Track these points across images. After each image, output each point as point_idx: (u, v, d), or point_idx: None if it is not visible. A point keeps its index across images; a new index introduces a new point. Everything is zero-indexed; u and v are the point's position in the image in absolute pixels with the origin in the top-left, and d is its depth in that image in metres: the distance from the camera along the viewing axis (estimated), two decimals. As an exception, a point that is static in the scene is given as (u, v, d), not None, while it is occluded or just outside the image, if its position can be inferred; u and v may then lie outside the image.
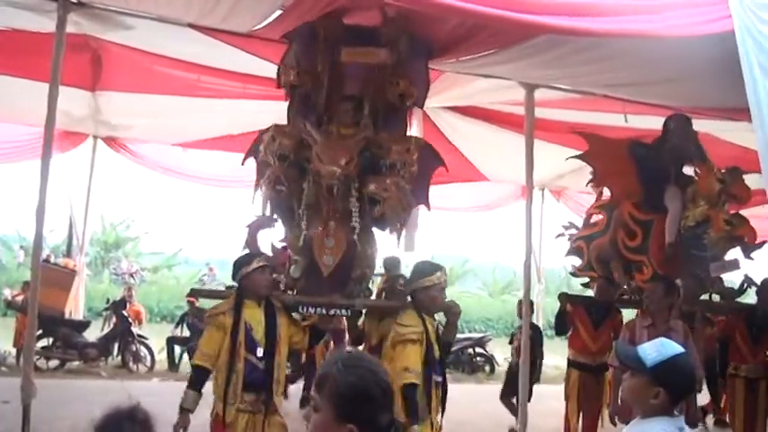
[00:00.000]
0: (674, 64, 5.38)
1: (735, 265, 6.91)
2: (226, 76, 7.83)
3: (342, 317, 5.66)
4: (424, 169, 5.47)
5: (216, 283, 22.39)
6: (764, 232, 7.34)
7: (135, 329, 12.41)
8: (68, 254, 13.67)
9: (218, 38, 6.24)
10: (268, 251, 5.51)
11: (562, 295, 7.57)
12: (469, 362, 14.18)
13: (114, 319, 12.61)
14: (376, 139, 5.32)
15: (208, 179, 12.06)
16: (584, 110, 7.80)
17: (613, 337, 7.18)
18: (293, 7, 5.28)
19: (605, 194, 7.80)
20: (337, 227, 5.15)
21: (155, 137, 10.93)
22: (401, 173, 5.21)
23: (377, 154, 5.20)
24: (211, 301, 6.10)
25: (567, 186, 12.44)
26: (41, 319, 8.29)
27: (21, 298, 12.24)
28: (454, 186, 11.55)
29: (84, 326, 12.12)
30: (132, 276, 25.38)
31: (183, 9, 5.61)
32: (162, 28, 6.04)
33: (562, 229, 8.09)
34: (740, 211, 7.05)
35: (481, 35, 5.29)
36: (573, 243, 7.78)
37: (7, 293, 13.43)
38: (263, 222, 5.44)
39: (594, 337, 7.13)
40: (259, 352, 4.69)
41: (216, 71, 7.72)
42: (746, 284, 7.48)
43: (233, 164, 10.18)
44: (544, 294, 13.80)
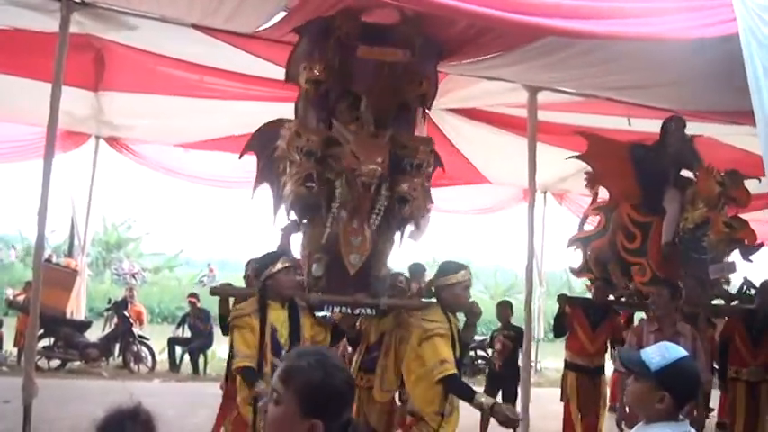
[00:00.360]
0: (677, 67, 5.38)
1: (732, 268, 6.91)
2: (228, 76, 7.82)
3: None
4: None
5: (215, 284, 22.33)
6: (764, 236, 7.36)
7: (136, 330, 12.41)
8: (70, 254, 13.68)
9: (222, 38, 6.24)
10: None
11: (561, 297, 7.54)
12: (471, 364, 14.14)
13: (115, 320, 12.61)
14: (398, 138, 5.29)
15: (209, 180, 12.06)
16: (587, 113, 7.80)
17: (611, 339, 7.18)
18: (298, 8, 5.28)
19: (601, 196, 7.81)
20: (364, 225, 5.11)
21: (157, 137, 10.92)
22: (424, 173, 5.26)
23: (400, 154, 5.16)
24: (213, 304, 6.09)
25: (570, 189, 12.43)
26: (43, 318, 8.28)
27: (22, 297, 12.25)
28: (456, 189, 11.56)
29: (86, 326, 12.12)
30: (134, 277, 25.41)
31: (187, 9, 5.62)
32: (165, 28, 6.05)
33: (564, 233, 8.09)
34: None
35: (486, 37, 5.29)
36: (572, 244, 7.79)
37: (9, 293, 13.42)
38: (294, 226, 5.42)
39: (592, 338, 7.11)
40: (283, 354, 4.62)
41: (218, 72, 7.72)
42: (746, 287, 7.47)
43: (235, 165, 10.18)
44: (546, 297, 13.79)
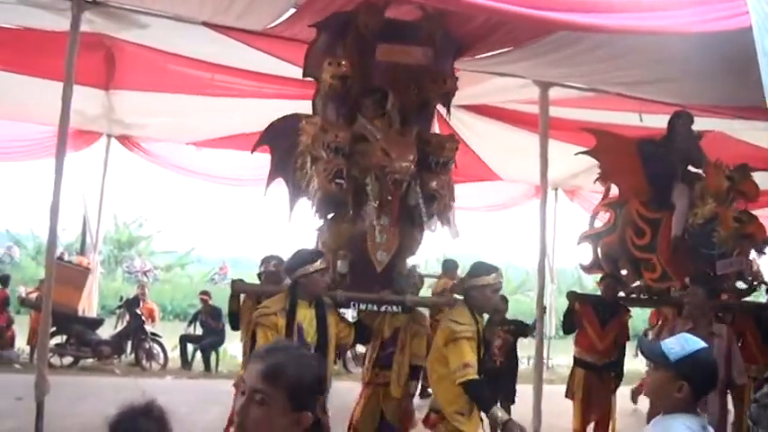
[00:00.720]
0: (688, 61, 5.35)
1: (741, 263, 6.85)
2: (239, 74, 7.84)
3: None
4: None
5: (227, 282, 22.38)
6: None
7: (148, 327, 12.44)
8: (82, 252, 13.74)
9: (233, 36, 6.24)
10: None
11: (571, 294, 7.52)
12: (481, 361, 14.11)
13: (127, 317, 12.65)
14: (422, 135, 5.27)
15: (221, 178, 12.10)
16: (598, 109, 7.77)
17: (620, 336, 7.13)
18: (307, 6, 5.28)
19: (612, 191, 7.77)
20: (391, 223, 5.09)
21: (168, 136, 10.96)
22: (449, 171, 5.26)
23: (426, 151, 5.13)
24: (225, 301, 6.06)
25: (581, 186, 12.38)
26: (55, 316, 8.32)
27: (35, 295, 12.31)
28: (468, 186, 11.52)
29: (98, 323, 12.17)
30: (145, 275, 25.45)
31: (198, 7, 5.63)
32: (176, 27, 6.06)
33: (576, 230, 8.06)
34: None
35: (499, 33, 5.27)
36: (583, 241, 7.76)
37: (21, 291, 13.47)
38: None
39: (601, 335, 7.05)
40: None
41: (229, 70, 7.74)
42: (756, 283, 7.41)
43: (246, 163, 10.22)
44: (557, 294, 13.75)
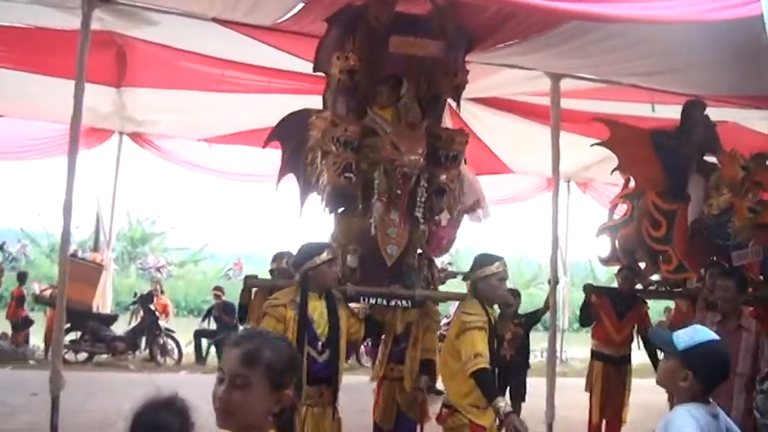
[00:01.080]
0: (699, 51, 5.31)
1: (758, 254, 6.79)
2: (250, 70, 7.85)
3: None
4: None
5: (241, 278, 22.44)
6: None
7: (162, 323, 12.53)
8: (96, 249, 13.83)
9: (242, 32, 6.25)
10: None
11: (587, 286, 7.51)
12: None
13: (142, 313, 12.74)
14: (432, 129, 5.25)
15: (233, 174, 12.14)
16: (610, 100, 7.73)
17: (637, 328, 7.11)
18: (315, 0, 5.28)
19: (631, 183, 7.72)
20: (401, 217, 5.08)
21: (180, 132, 11.00)
22: (459, 164, 5.24)
23: (435, 145, 5.11)
24: (236, 296, 6.11)
25: (594, 178, 12.35)
26: (69, 313, 8.40)
27: (48, 293, 12.40)
28: (479, 179, 11.49)
29: (112, 319, 12.26)
30: (159, 271, 25.57)
31: (207, 3, 5.64)
32: (186, 23, 6.08)
33: (588, 222, 8.03)
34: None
35: (510, 24, 5.25)
36: (601, 233, 7.72)
37: (36, 288, 13.59)
38: None
39: (619, 328, 7.04)
40: (319, 345, 4.59)
41: (240, 66, 7.75)
42: None
43: (258, 158, 10.23)
44: (570, 287, 13.73)
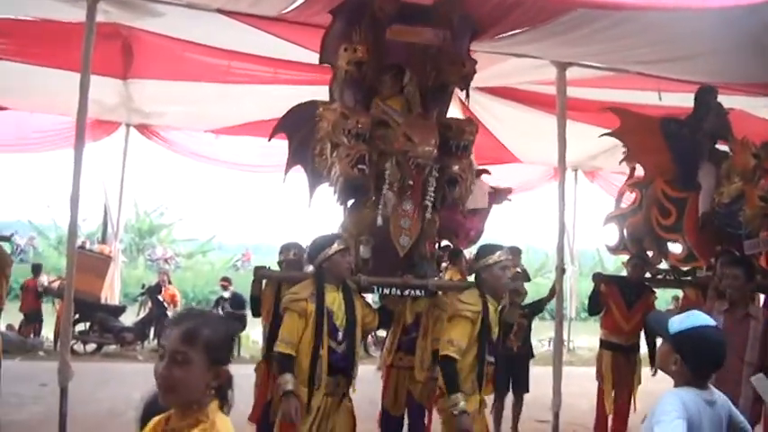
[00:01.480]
0: (706, 38, 5.28)
1: None
2: (256, 61, 7.83)
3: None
4: None
5: (250, 268, 22.51)
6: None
7: (170, 313, 12.55)
8: (104, 241, 13.88)
9: (247, 22, 6.22)
10: None
11: (596, 275, 7.48)
12: (501, 345, 14.11)
13: (150, 304, 12.78)
14: (441, 119, 5.24)
15: (240, 165, 12.14)
16: (617, 88, 7.69)
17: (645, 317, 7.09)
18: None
19: (638, 172, 7.69)
20: (413, 207, 5.06)
21: (187, 124, 11.01)
22: (470, 154, 5.21)
23: (446, 135, 5.06)
24: (246, 288, 6.11)
25: (601, 167, 12.31)
26: (78, 304, 8.44)
27: (57, 284, 12.45)
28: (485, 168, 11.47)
29: (120, 311, 12.32)
30: (167, 262, 25.67)
31: (212, -7, 5.63)
32: (191, 14, 6.06)
33: (596, 211, 7.99)
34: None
35: (516, 12, 5.22)
36: (609, 222, 7.69)
37: (44, 280, 13.67)
38: None
39: (627, 317, 7.02)
40: (339, 336, 4.62)
41: (246, 56, 7.73)
42: None
43: (265, 149, 10.23)
44: (578, 276, 13.71)
